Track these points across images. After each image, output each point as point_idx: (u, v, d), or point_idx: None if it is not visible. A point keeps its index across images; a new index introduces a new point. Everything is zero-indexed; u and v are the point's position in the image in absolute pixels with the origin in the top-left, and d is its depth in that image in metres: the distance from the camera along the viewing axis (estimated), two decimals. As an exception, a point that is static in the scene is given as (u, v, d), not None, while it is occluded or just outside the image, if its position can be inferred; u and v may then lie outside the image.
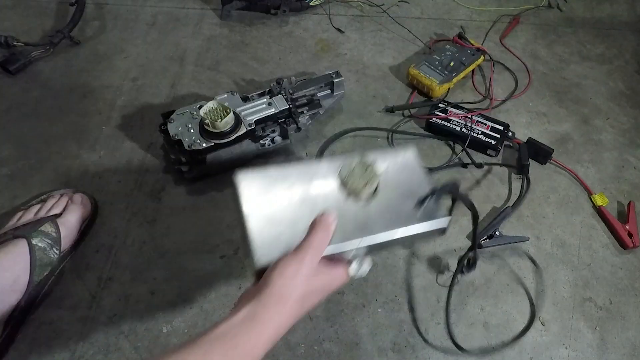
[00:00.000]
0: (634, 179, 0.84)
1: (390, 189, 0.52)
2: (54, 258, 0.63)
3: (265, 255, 0.44)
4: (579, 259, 0.73)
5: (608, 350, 0.65)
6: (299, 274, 0.42)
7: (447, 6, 1.14)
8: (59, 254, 0.64)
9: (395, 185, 0.53)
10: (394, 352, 0.63)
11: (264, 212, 0.48)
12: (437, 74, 0.91)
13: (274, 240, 0.46)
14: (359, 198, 0.51)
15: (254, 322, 0.40)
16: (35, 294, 0.62)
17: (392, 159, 0.55)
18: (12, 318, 0.59)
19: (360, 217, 0.50)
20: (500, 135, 0.83)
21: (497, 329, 0.66)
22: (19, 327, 0.60)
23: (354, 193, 0.51)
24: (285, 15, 1.06)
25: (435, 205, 0.52)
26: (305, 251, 0.43)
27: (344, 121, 0.88)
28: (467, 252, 0.66)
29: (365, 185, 0.51)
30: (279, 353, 0.62)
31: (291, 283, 0.42)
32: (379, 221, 0.49)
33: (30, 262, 0.60)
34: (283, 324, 0.41)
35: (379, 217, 0.50)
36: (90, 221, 0.71)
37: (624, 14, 1.16)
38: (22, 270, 0.60)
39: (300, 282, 0.42)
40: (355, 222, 0.49)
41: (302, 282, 0.43)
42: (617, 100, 0.96)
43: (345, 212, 0.49)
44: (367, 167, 0.52)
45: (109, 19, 1.03)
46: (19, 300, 0.59)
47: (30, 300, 0.61)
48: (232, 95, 0.78)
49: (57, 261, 0.64)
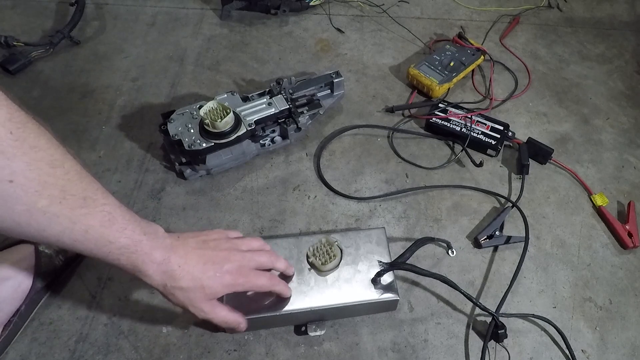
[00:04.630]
0: (634, 179, 0.84)
1: (351, 264, 0.63)
2: (58, 265, 0.63)
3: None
4: (579, 259, 0.73)
5: (608, 350, 0.65)
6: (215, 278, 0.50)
7: (447, 6, 1.14)
8: (64, 260, 0.63)
9: (356, 261, 0.63)
10: (394, 352, 0.63)
11: None
12: (437, 74, 0.91)
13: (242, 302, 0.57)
14: (320, 272, 0.61)
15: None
16: (37, 299, 0.61)
17: (361, 237, 0.65)
18: (10, 323, 0.58)
19: (319, 287, 0.60)
20: (500, 135, 0.83)
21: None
22: (17, 332, 0.60)
23: (315, 268, 0.61)
24: (285, 15, 1.06)
25: (389, 282, 0.62)
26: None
27: (344, 121, 0.88)
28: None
29: (325, 263, 0.60)
30: (279, 353, 0.62)
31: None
32: (334, 292, 0.60)
33: (34, 269, 0.60)
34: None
35: (335, 288, 0.60)
36: None
37: (624, 14, 1.16)
38: (26, 277, 0.59)
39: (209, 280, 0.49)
40: (314, 291, 0.60)
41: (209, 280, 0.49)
42: (617, 100, 0.96)
43: (306, 281, 0.60)
44: (331, 246, 0.62)
45: (109, 19, 1.03)
46: (20, 306, 0.59)
47: (31, 306, 0.61)
48: (232, 95, 0.78)
49: (61, 268, 0.63)
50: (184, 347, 0.61)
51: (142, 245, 0.45)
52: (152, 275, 0.46)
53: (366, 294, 0.60)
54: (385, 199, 0.78)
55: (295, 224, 0.74)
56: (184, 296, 0.48)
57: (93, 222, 0.41)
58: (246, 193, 0.77)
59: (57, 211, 0.39)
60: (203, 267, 0.49)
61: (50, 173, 0.38)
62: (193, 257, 0.49)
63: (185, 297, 0.48)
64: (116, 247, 0.43)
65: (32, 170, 0.37)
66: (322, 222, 0.74)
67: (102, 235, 0.42)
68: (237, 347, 0.62)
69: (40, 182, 0.37)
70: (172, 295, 0.49)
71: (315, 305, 0.59)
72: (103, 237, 0.42)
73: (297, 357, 0.62)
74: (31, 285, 0.59)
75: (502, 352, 0.64)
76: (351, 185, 0.79)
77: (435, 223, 0.76)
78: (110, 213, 0.43)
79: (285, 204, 0.76)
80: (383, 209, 0.77)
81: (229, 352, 0.61)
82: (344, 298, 0.59)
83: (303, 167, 0.81)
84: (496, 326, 0.63)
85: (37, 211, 0.38)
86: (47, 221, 0.39)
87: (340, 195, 0.78)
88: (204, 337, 0.62)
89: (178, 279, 0.47)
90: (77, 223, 0.40)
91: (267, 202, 0.76)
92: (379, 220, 0.75)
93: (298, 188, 0.78)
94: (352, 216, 0.76)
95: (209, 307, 0.50)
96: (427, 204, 0.78)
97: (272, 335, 0.63)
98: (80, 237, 0.41)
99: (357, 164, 0.82)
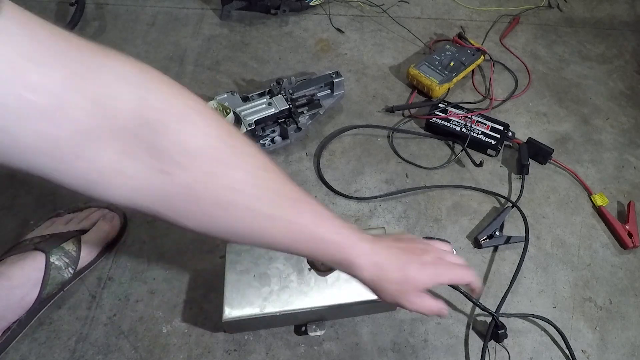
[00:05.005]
0: (634, 179, 0.84)
1: None
2: (66, 277, 0.62)
3: (232, 312, 0.57)
4: (579, 259, 0.73)
5: (608, 350, 0.65)
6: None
7: (447, 6, 1.14)
8: (72, 273, 0.63)
9: None
10: (394, 352, 0.63)
11: (241, 278, 0.60)
12: (437, 74, 0.91)
13: (242, 302, 0.58)
14: (320, 272, 0.61)
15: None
16: (39, 308, 0.61)
17: None
18: (9, 329, 0.58)
19: (318, 287, 0.60)
20: (500, 135, 0.83)
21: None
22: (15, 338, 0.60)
23: (315, 268, 0.61)
24: (285, 15, 1.06)
25: None
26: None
27: (344, 121, 0.88)
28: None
29: (327, 270, 0.60)
30: (279, 353, 0.62)
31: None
32: (334, 292, 0.60)
33: (42, 280, 0.59)
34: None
35: (335, 288, 0.61)
36: (116, 239, 0.69)
37: (624, 14, 1.16)
38: (33, 287, 0.59)
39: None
40: (314, 291, 0.60)
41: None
42: (617, 100, 0.96)
43: (306, 281, 0.61)
44: None
45: (109, 19, 1.03)
46: (21, 316, 0.59)
47: (33, 314, 0.61)
48: (232, 95, 0.78)
49: (68, 280, 0.63)
50: (184, 347, 0.61)
51: (352, 239, 0.45)
52: (365, 268, 0.46)
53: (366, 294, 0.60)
54: (385, 199, 0.78)
55: (295, 224, 0.74)
56: (393, 289, 0.47)
57: (306, 222, 0.42)
58: (246, 193, 0.77)
59: (276, 214, 0.39)
60: (406, 259, 0.48)
61: (265, 177, 0.39)
62: (394, 250, 0.48)
63: (395, 289, 0.47)
64: (330, 243, 0.43)
65: (250, 175, 0.38)
66: (322, 222, 0.74)
67: (316, 233, 0.42)
68: (237, 347, 0.62)
69: (259, 186, 0.38)
70: (382, 288, 0.48)
71: (315, 305, 0.59)
72: (317, 235, 0.43)
73: (297, 357, 0.62)
74: (37, 296, 0.59)
75: (502, 352, 0.64)
76: (351, 185, 0.79)
77: (435, 223, 0.76)
78: (318, 212, 0.43)
79: (285, 204, 0.76)
80: (383, 209, 0.77)
81: (229, 352, 0.61)
82: (344, 298, 0.59)
83: (303, 167, 0.81)
84: (496, 326, 0.63)
85: (259, 215, 0.38)
86: (268, 224, 0.39)
87: (340, 195, 0.78)
88: (204, 337, 0.62)
89: (387, 271, 0.47)
90: (293, 224, 0.41)
91: (267, 202, 0.76)
92: (379, 220, 0.75)
93: (298, 188, 0.78)
94: (352, 216, 0.76)
95: (418, 298, 0.49)
96: (427, 204, 0.78)
97: (272, 335, 0.63)
98: (298, 237, 0.42)
99: (357, 164, 0.82)
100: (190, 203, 0.35)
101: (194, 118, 0.35)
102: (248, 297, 0.58)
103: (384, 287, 0.47)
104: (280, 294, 0.59)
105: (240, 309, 0.57)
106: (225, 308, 0.57)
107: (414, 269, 0.48)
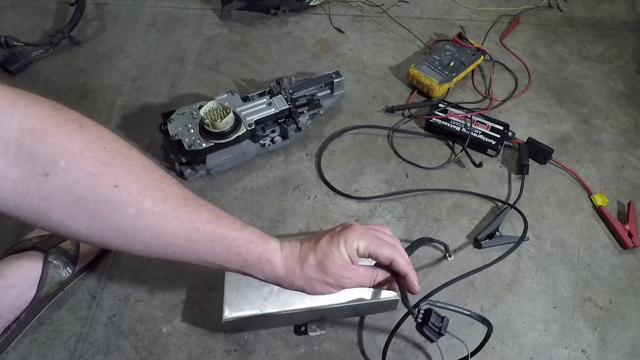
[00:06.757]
0: (634, 179, 0.84)
1: None
2: (65, 277, 0.62)
3: (232, 312, 0.58)
4: (578, 259, 0.73)
5: (608, 350, 0.65)
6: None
7: (447, 6, 1.14)
8: (71, 273, 0.63)
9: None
10: (394, 352, 0.63)
11: (241, 278, 0.56)
12: (437, 74, 0.91)
13: (242, 302, 0.58)
14: None
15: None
16: (39, 308, 0.61)
17: None
18: (8, 329, 0.58)
19: None
20: (500, 135, 0.83)
21: (496, 329, 0.65)
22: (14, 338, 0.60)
23: None
24: (285, 15, 1.06)
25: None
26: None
27: (344, 121, 0.88)
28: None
29: None
30: (279, 353, 0.62)
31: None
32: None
33: (40, 279, 0.60)
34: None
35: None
36: None
37: (624, 14, 1.16)
38: (30, 286, 0.59)
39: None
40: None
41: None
42: (617, 100, 0.96)
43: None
44: None
45: (109, 19, 1.03)
46: (19, 315, 0.59)
47: (32, 314, 0.61)
48: (232, 95, 0.78)
49: (67, 280, 0.63)
50: (184, 347, 0.61)
51: (256, 234, 0.44)
52: (279, 261, 0.44)
53: (366, 294, 0.60)
54: (385, 198, 0.78)
55: (295, 224, 0.74)
56: (316, 275, 0.45)
57: (200, 219, 0.41)
58: (246, 193, 0.77)
59: (164, 210, 0.40)
60: (324, 238, 0.46)
61: (147, 176, 0.40)
62: (309, 237, 0.47)
63: (319, 273, 0.45)
64: (232, 240, 0.42)
65: (131, 174, 0.39)
66: (322, 222, 0.74)
67: (213, 230, 0.42)
68: (237, 347, 0.62)
69: (141, 184, 0.39)
70: (304, 279, 0.45)
71: (315, 305, 0.59)
72: (215, 232, 0.42)
73: (297, 357, 0.62)
74: (34, 295, 0.59)
75: (503, 351, 0.64)
76: (351, 185, 0.79)
77: (435, 223, 0.76)
78: (213, 210, 0.43)
79: (285, 204, 0.76)
80: (383, 208, 0.77)
81: (229, 352, 0.61)
82: (344, 298, 0.59)
83: (303, 167, 0.81)
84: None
85: (146, 211, 0.39)
86: (158, 221, 0.39)
87: (340, 195, 0.78)
88: (204, 337, 0.62)
89: (304, 257, 0.45)
90: (186, 221, 0.40)
91: (267, 202, 0.76)
92: (379, 220, 0.75)
93: (298, 188, 0.78)
94: (352, 216, 0.76)
95: (348, 272, 0.46)
96: (427, 204, 0.78)
97: (272, 335, 0.63)
98: (195, 236, 0.41)
99: (357, 164, 0.82)
100: (73, 202, 0.37)
101: (72, 126, 0.39)
102: (248, 297, 0.59)
103: (307, 275, 0.45)
104: (280, 294, 0.59)
105: (240, 309, 0.58)
106: (225, 308, 0.58)
107: (333, 244, 0.45)
